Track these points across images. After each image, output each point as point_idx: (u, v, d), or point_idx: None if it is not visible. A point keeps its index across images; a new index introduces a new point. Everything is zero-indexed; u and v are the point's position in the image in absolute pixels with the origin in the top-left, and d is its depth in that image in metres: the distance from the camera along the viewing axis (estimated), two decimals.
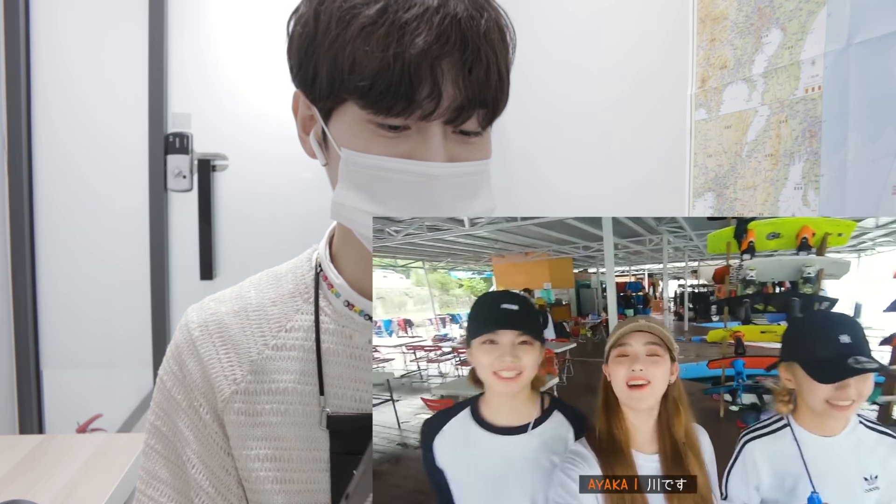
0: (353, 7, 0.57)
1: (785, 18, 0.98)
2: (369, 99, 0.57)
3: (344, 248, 0.72)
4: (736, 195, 1.11)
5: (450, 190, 0.61)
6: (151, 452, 0.74)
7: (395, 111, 0.57)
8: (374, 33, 0.56)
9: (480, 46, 0.58)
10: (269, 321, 0.72)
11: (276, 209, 2.41)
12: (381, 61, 0.56)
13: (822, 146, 0.92)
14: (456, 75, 0.57)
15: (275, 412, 0.69)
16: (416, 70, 0.56)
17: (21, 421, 2.20)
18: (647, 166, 1.41)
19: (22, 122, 2.16)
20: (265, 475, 0.69)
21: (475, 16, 0.58)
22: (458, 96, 0.58)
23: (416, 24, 0.56)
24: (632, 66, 1.46)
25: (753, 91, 1.06)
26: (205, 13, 2.38)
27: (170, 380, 0.73)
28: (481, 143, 0.63)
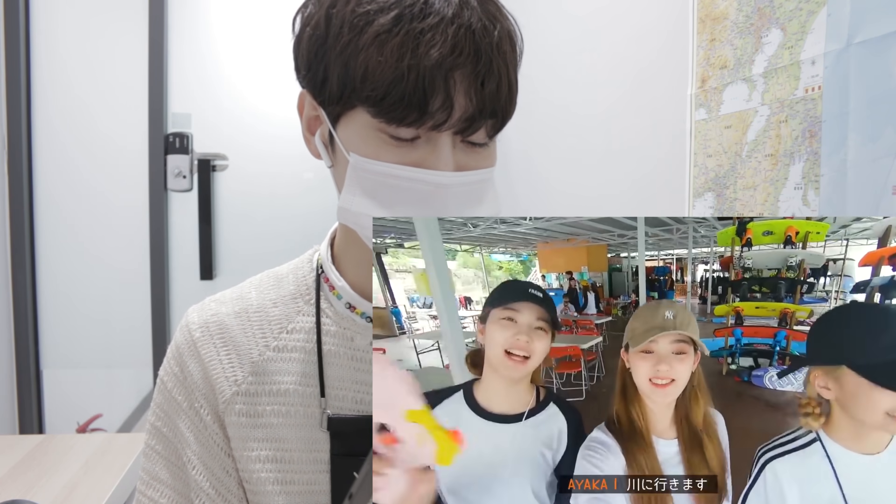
0: (366, 13, 0.57)
1: (785, 18, 0.98)
2: (381, 108, 0.57)
3: (346, 250, 0.72)
4: (736, 195, 1.11)
5: (457, 198, 0.61)
6: (151, 453, 0.74)
7: (407, 121, 0.57)
8: (388, 42, 0.56)
9: (493, 59, 0.58)
10: (270, 322, 0.72)
11: (276, 209, 2.41)
12: (395, 72, 0.55)
13: (822, 146, 0.92)
14: (468, 87, 0.58)
15: (275, 413, 0.69)
16: (430, 81, 0.56)
17: (21, 421, 2.20)
18: (647, 166, 1.41)
19: (22, 122, 2.16)
20: (266, 476, 0.69)
21: (489, 27, 0.58)
22: (469, 108, 0.58)
23: (432, 34, 0.55)
24: (632, 66, 1.46)
25: (753, 91, 1.06)
26: (205, 13, 2.38)
27: (170, 380, 0.73)
28: (488, 151, 0.64)
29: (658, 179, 1.37)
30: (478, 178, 0.63)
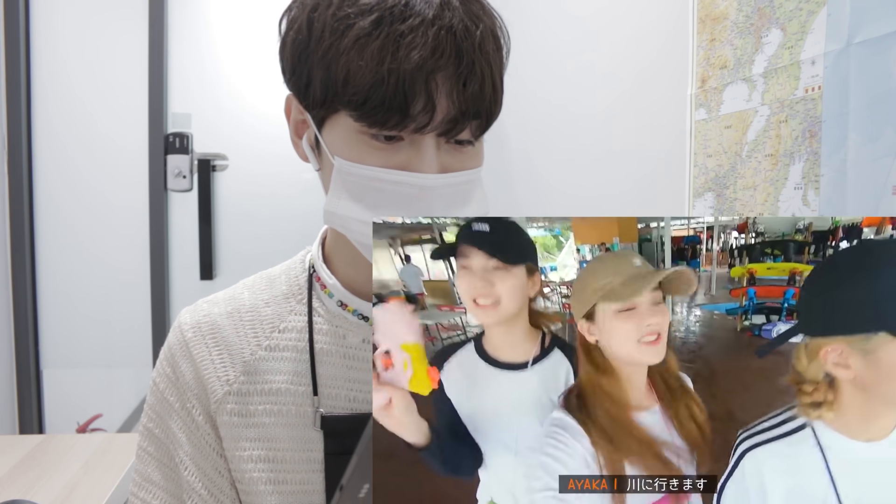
0: (347, 16, 0.57)
1: (785, 18, 0.98)
2: (363, 112, 0.57)
3: (336, 250, 0.72)
4: (736, 195, 1.11)
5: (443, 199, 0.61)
6: (144, 455, 0.74)
7: (389, 125, 0.57)
8: (368, 46, 0.55)
9: (475, 59, 0.58)
10: (262, 322, 0.72)
11: (276, 209, 2.41)
12: (376, 75, 0.55)
13: (822, 146, 0.92)
14: (450, 89, 0.57)
15: (268, 413, 0.69)
16: (411, 85, 0.55)
17: (21, 421, 2.20)
18: (647, 166, 1.41)
19: (22, 122, 2.16)
20: (258, 476, 0.68)
21: (470, 27, 0.58)
22: (451, 109, 0.58)
23: (412, 37, 0.55)
24: (632, 66, 1.46)
25: (753, 91, 1.06)
26: (205, 13, 2.38)
27: (162, 381, 0.73)
28: (474, 151, 0.64)
29: (658, 179, 1.37)
30: (463, 180, 0.62)
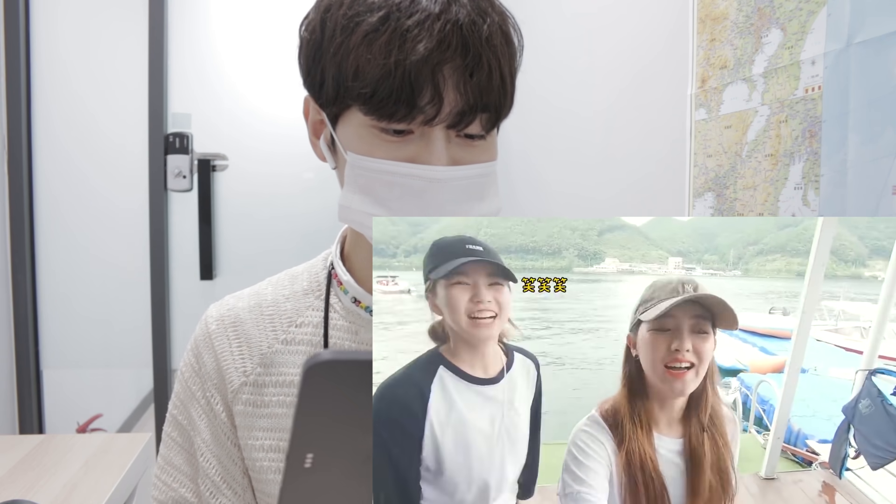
0: (356, 14, 0.59)
1: (785, 18, 0.98)
2: (371, 105, 0.58)
3: (354, 248, 0.74)
4: (736, 195, 1.11)
5: (453, 193, 0.61)
6: (168, 440, 0.78)
7: (397, 117, 0.58)
8: (376, 41, 0.57)
9: (482, 52, 0.58)
10: (280, 316, 0.75)
11: (276, 209, 2.41)
12: (383, 68, 0.57)
13: (822, 146, 0.92)
14: (457, 81, 0.58)
15: (280, 404, 0.72)
16: (417, 76, 0.57)
17: (21, 421, 2.20)
18: (647, 166, 1.41)
19: (22, 122, 2.16)
20: (269, 465, 0.71)
21: (477, 21, 0.59)
22: (459, 101, 0.59)
23: (418, 30, 0.57)
24: (632, 66, 1.46)
25: (753, 91, 1.06)
26: (205, 13, 2.38)
27: (187, 371, 0.77)
28: (486, 145, 0.64)
29: (658, 179, 1.37)
30: (474, 173, 0.63)
